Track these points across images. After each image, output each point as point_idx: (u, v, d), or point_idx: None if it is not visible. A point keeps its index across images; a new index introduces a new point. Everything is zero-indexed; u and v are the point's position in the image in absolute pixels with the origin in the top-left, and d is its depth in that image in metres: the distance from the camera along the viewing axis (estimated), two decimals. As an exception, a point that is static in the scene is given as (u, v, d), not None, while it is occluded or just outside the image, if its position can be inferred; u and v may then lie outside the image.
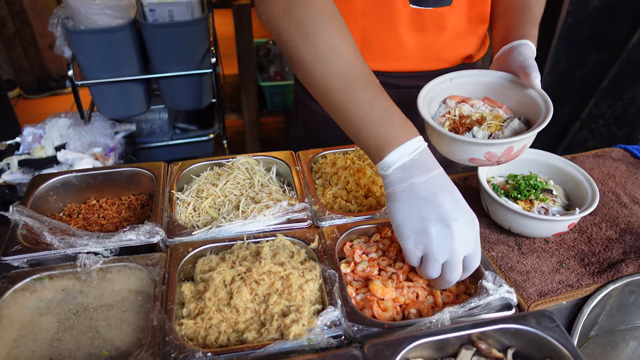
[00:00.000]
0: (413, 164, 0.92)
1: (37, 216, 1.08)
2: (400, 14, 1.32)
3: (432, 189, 0.91)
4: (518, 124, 1.13)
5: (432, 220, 0.89)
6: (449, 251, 0.90)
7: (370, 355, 0.75)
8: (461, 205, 0.93)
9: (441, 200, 0.90)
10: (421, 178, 0.91)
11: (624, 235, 1.26)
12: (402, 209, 0.92)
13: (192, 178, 1.25)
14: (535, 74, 1.12)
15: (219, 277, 0.94)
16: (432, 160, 0.95)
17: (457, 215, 0.90)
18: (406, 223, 0.92)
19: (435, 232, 0.89)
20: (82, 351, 0.91)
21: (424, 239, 0.91)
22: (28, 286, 0.97)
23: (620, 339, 1.22)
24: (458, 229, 0.89)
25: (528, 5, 1.31)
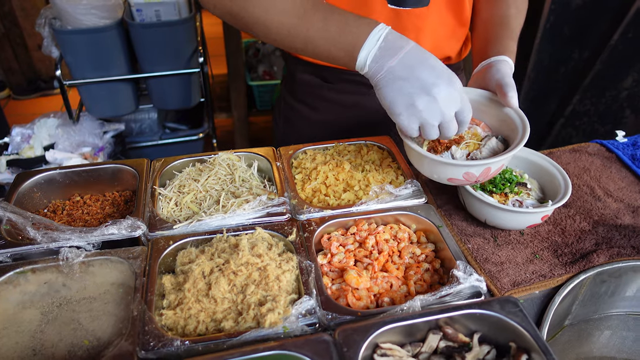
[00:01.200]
0: (382, 52, 1.01)
1: (20, 212, 1.10)
2: (378, 15, 1.34)
3: (408, 65, 0.99)
4: (496, 142, 1.16)
5: (415, 94, 0.99)
6: (440, 114, 1.00)
7: (340, 340, 0.78)
8: (437, 71, 1.00)
9: (418, 73, 0.99)
10: (394, 60, 1.00)
11: (596, 227, 1.30)
12: (388, 92, 1.01)
13: (175, 174, 1.27)
14: (513, 93, 1.15)
15: (198, 268, 0.96)
16: (399, 40, 1.02)
17: (435, 81, 0.99)
18: (395, 103, 1.01)
19: (422, 103, 0.99)
20: (65, 342, 0.93)
21: (414, 112, 1.01)
22: (11, 279, 0.99)
23: (595, 328, 1.25)
24: (440, 93, 0.99)
25: (508, 20, 1.33)
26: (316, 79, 1.57)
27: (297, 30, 1.08)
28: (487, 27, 1.37)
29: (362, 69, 1.05)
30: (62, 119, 2.89)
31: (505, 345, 0.84)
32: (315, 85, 1.57)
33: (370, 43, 1.02)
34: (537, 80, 2.87)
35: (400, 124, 1.04)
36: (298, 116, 1.63)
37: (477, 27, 1.44)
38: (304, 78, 1.59)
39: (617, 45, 2.68)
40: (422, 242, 1.14)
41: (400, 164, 1.31)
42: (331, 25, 1.05)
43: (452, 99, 1.01)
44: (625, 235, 1.27)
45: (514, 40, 1.31)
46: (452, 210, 1.32)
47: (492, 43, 1.29)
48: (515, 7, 1.37)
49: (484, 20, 1.40)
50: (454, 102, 1.02)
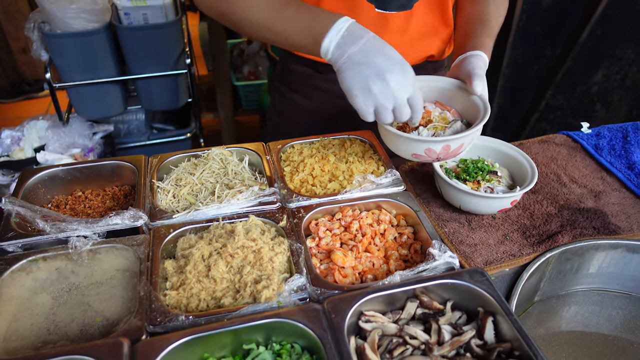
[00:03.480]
0: (344, 39, 1.11)
1: (28, 206, 1.18)
2: (366, 17, 1.45)
3: (366, 52, 1.10)
4: (460, 125, 1.27)
5: (371, 78, 1.09)
6: (392, 97, 1.10)
7: (329, 308, 0.88)
8: (392, 59, 1.10)
9: (375, 60, 1.09)
10: (355, 47, 1.10)
11: (562, 211, 1.41)
12: (347, 77, 1.11)
13: (171, 169, 1.36)
14: (478, 81, 1.26)
15: (197, 252, 1.06)
16: (360, 30, 1.13)
17: (389, 67, 1.09)
18: (352, 86, 1.11)
19: (376, 86, 1.09)
20: (76, 322, 1.02)
21: (369, 95, 1.10)
22: (24, 267, 1.07)
23: (563, 303, 1.36)
24: (393, 78, 1.09)
25: (487, 18, 1.43)
26: (309, 70, 1.68)
27: (273, 25, 1.20)
28: (467, 24, 1.47)
29: (326, 55, 1.15)
30: (51, 121, 2.94)
31: (474, 311, 0.95)
32: (308, 75, 1.68)
33: (334, 32, 1.12)
34: (512, 76, 2.98)
35: (357, 106, 1.13)
36: (293, 105, 1.74)
37: (458, 24, 1.54)
38: (297, 69, 1.70)
39: (586, 42, 2.81)
40: (401, 225, 1.24)
41: (381, 155, 1.41)
42: (301, 18, 1.17)
43: (404, 85, 1.11)
44: (587, 217, 1.38)
45: (490, 37, 1.41)
46: (429, 198, 1.43)
47: (469, 39, 1.39)
48: (494, 5, 1.47)
49: (465, 18, 1.50)
50: (405, 88, 1.11)
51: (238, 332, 0.86)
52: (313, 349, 0.87)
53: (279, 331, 0.88)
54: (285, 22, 1.19)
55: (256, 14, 1.21)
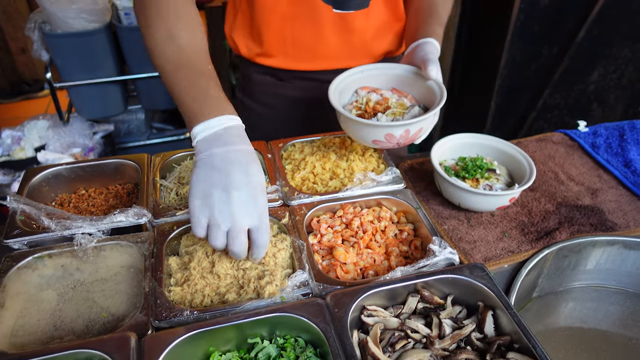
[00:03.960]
0: (216, 137, 1.00)
1: (33, 204, 1.19)
2: (326, 19, 1.46)
3: (227, 160, 0.98)
4: (418, 110, 1.29)
5: (216, 187, 0.96)
6: (229, 218, 0.96)
7: (332, 303, 0.89)
8: (250, 179, 0.98)
9: (230, 170, 0.97)
10: (220, 150, 0.99)
11: (559, 208, 1.43)
12: (198, 174, 0.99)
13: (174, 167, 1.38)
14: (432, 66, 1.27)
15: (201, 249, 1.07)
16: (238, 137, 1.03)
17: (240, 185, 0.96)
18: (196, 187, 0.98)
19: (217, 197, 0.96)
20: (82, 318, 1.03)
21: (207, 203, 0.96)
22: (30, 264, 1.08)
23: (560, 300, 1.38)
24: (238, 198, 0.96)
25: (435, 8, 1.46)
26: (270, 78, 1.65)
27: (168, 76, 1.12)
28: (417, 15, 1.49)
29: (193, 140, 1.04)
30: (52, 121, 2.96)
31: (474, 305, 0.96)
32: (270, 84, 1.66)
33: (211, 124, 1.02)
34: (510, 76, 3.01)
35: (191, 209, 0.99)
36: (257, 116, 1.72)
37: (408, 15, 1.56)
38: (259, 79, 1.67)
39: (583, 42, 2.84)
40: (401, 222, 1.26)
41: (381, 154, 1.43)
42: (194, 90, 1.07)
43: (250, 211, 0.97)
44: (585, 214, 1.40)
45: (440, 25, 1.43)
46: (429, 196, 1.45)
47: (420, 28, 1.41)
48: None
49: (415, 9, 1.52)
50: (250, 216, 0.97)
51: (242, 327, 0.88)
52: (316, 342, 0.88)
53: (283, 325, 0.90)
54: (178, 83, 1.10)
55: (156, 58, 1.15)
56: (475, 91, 3.29)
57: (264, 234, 1.00)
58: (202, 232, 0.99)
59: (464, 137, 1.50)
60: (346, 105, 1.36)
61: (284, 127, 1.68)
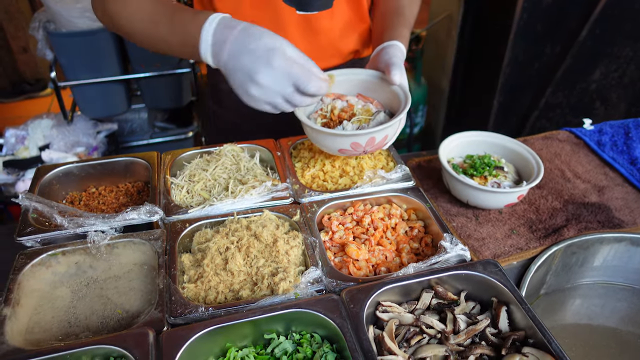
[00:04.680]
0: (215, 48, 1.06)
1: (45, 201, 1.20)
2: (289, 21, 1.45)
3: (234, 56, 1.04)
4: (383, 116, 1.27)
5: (246, 84, 1.04)
6: (275, 94, 1.05)
7: (347, 299, 0.90)
8: (257, 55, 1.03)
9: (241, 62, 1.03)
10: (225, 54, 1.05)
11: (567, 205, 1.44)
12: (232, 84, 1.08)
13: (184, 165, 1.38)
14: (396, 71, 1.24)
15: (215, 246, 1.08)
16: (224, 31, 1.06)
17: (256, 68, 1.02)
18: (239, 94, 1.08)
19: (254, 90, 1.04)
20: (97, 315, 1.04)
21: (254, 98, 1.06)
22: (44, 261, 1.09)
23: (568, 296, 1.38)
24: (263, 79, 1.03)
25: (402, 10, 1.44)
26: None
27: (154, 35, 1.17)
28: (383, 17, 1.47)
29: (207, 60, 1.10)
30: (56, 120, 2.96)
31: (487, 301, 0.97)
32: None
33: (205, 34, 1.06)
34: (513, 74, 3.01)
35: (252, 106, 1.10)
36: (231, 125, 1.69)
37: (375, 18, 1.54)
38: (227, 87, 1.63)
39: (585, 41, 2.85)
40: (412, 219, 1.27)
41: (390, 152, 1.44)
42: (176, 27, 1.12)
43: (277, 79, 1.03)
44: (592, 211, 1.41)
45: (407, 27, 1.41)
46: (437, 194, 1.46)
47: (386, 30, 1.39)
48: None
49: (381, 12, 1.50)
50: (280, 83, 1.04)
51: (259, 323, 0.89)
52: (333, 338, 0.89)
53: (299, 321, 0.91)
54: (164, 32, 1.15)
55: (138, 25, 1.19)
56: (478, 90, 3.30)
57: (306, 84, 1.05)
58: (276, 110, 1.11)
59: (471, 135, 1.51)
60: (311, 114, 1.33)
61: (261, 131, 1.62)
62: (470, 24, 3.18)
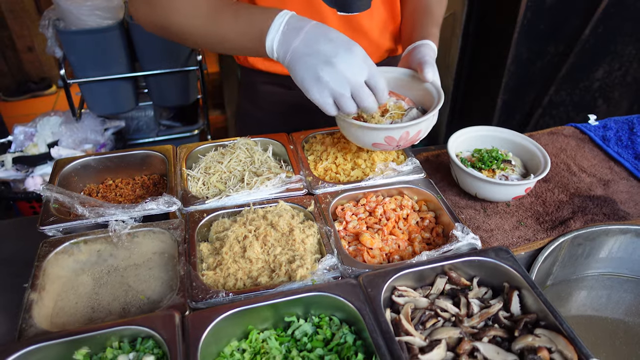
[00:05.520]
0: (285, 35, 1.08)
1: (66, 192, 1.23)
2: (331, 22, 1.47)
3: (309, 43, 1.06)
4: (416, 112, 1.31)
5: (318, 66, 1.05)
6: (346, 82, 1.06)
7: (365, 283, 0.93)
8: (336, 43, 1.06)
9: (318, 47, 1.05)
10: (297, 40, 1.07)
11: (573, 198, 1.47)
12: (296, 71, 1.08)
13: (199, 158, 1.41)
14: (429, 69, 1.28)
15: (233, 234, 1.11)
16: (300, 21, 1.09)
17: (335, 51, 1.04)
18: (303, 79, 1.08)
19: (325, 73, 1.05)
20: (119, 301, 1.07)
21: (322, 85, 1.06)
22: (67, 249, 1.12)
23: (574, 288, 1.41)
24: (341, 62, 1.04)
25: (430, 9, 1.48)
26: (279, 89, 1.64)
27: (211, 30, 1.17)
28: (412, 16, 1.50)
29: (272, 54, 1.12)
30: (64, 117, 2.99)
31: (499, 286, 1.00)
32: (279, 94, 1.65)
33: (274, 29, 1.08)
34: (517, 73, 3.05)
35: (314, 99, 1.10)
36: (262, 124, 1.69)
37: (404, 17, 1.57)
38: (266, 89, 1.66)
39: (588, 39, 2.88)
40: (423, 210, 1.30)
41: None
42: (240, 20, 1.13)
43: (355, 65, 1.06)
44: (597, 204, 1.44)
45: (436, 26, 1.45)
46: (445, 187, 1.49)
47: (416, 29, 1.42)
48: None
49: (410, 11, 1.54)
50: (358, 69, 1.06)
51: (279, 306, 0.92)
52: (351, 320, 0.92)
53: (318, 305, 0.94)
54: (224, 26, 1.16)
55: (194, 21, 1.18)
56: (482, 88, 3.33)
57: (378, 77, 1.10)
58: (333, 109, 1.11)
59: (478, 129, 1.54)
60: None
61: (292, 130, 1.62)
62: (474, 22, 3.21)
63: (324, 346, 0.88)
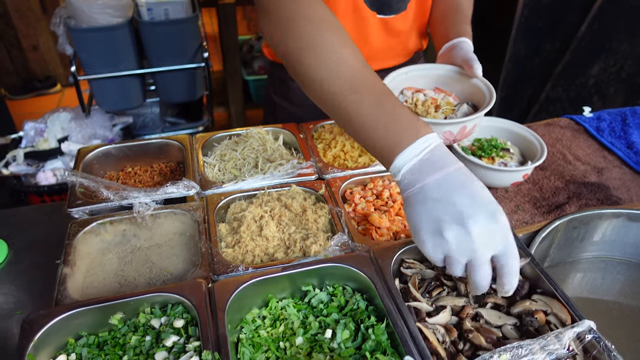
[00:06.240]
0: (423, 165, 0.88)
1: (91, 177, 1.30)
2: (371, 25, 1.56)
3: (445, 187, 0.86)
4: (467, 107, 1.38)
5: (446, 222, 0.84)
6: (469, 252, 0.85)
7: (375, 255, 1.01)
8: (480, 201, 0.85)
9: (454, 199, 0.84)
10: (432, 178, 0.87)
11: (568, 185, 1.55)
12: (416, 213, 0.88)
13: (214, 146, 1.49)
14: (478, 65, 1.34)
15: (250, 215, 1.19)
16: (445, 156, 0.89)
17: (473, 213, 0.83)
18: (421, 228, 0.88)
19: (451, 234, 0.84)
20: (144, 277, 1.14)
21: (441, 243, 0.86)
22: (94, 230, 1.19)
23: (569, 270, 1.48)
24: (476, 228, 0.83)
25: (461, 7, 1.54)
26: None
27: (346, 103, 0.97)
28: (444, 15, 1.55)
29: (395, 175, 0.92)
30: (73, 113, 3.07)
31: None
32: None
33: (413, 151, 0.89)
34: (514, 69, 3.13)
35: (424, 251, 0.90)
36: (292, 117, 1.73)
37: (435, 16, 1.62)
38: (296, 85, 1.67)
39: (584, 36, 2.96)
40: (427, 194, 1.38)
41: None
42: (382, 115, 0.93)
43: (491, 237, 0.84)
44: (591, 190, 1.52)
45: (468, 24, 1.49)
46: (447, 174, 1.57)
47: (451, 28, 1.47)
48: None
49: (441, 10, 1.58)
50: (492, 242, 0.85)
51: (296, 276, 0.99)
52: (363, 289, 1.00)
53: (332, 276, 1.01)
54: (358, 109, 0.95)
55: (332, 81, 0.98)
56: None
57: (513, 259, 0.86)
58: (441, 263, 0.90)
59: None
60: None
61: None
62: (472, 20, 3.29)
63: (338, 312, 0.96)
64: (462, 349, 0.87)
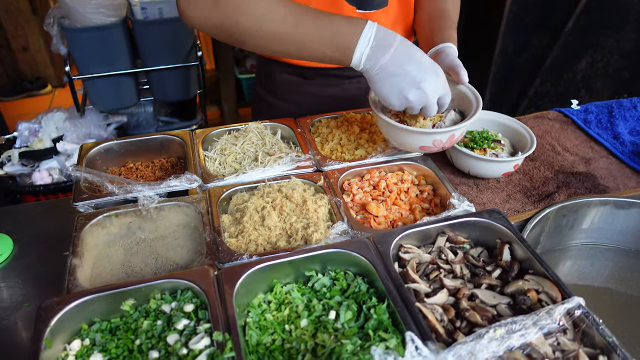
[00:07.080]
0: (374, 50, 1.13)
1: (94, 172, 1.34)
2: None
3: (398, 62, 1.14)
4: (454, 114, 1.40)
5: (407, 89, 1.16)
6: (425, 101, 1.19)
7: (375, 241, 1.05)
8: (424, 67, 1.16)
9: (408, 69, 1.14)
10: (385, 57, 1.13)
11: (557, 175, 1.61)
12: (381, 87, 1.18)
13: (214, 141, 1.53)
14: (464, 72, 1.36)
15: (252, 205, 1.22)
16: (387, 36, 1.14)
17: (424, 76, 1.15)
18: (389, 96, 1.19)
19: (412, 96, 1.17)
20: (150, 267, 1.18)
21: (406, 102, 1.19)
22: (100, 222, 1.23)
23: (560, 257, 1.53)
24: (429, 86, 1.16)
25: (447, 12, 1.55)
26: (296, 78, 1.72)
27: (290, 38, 1.16)
28: (430, 20, 1.55)
29: (358, 67, 1.17)
30: (68, 113, 3.08)
31: (493, 245, 1.13)
32: (295, 83, 1.73)
33: (363, 43, 1.13)
34: (503, 65, 3.19)
35: (392, 107, 1.22)
36: (281, 113, 1.75)
37: (420, 20, 1.62)
38: (283, 78, 1.73)
39: (571, 32, 3.03)
40: (422, 184, 1.42)
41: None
42: (323, 29, 1.14)
43: (437, 88, 1.19)
44: (580, 180, 1.58)
45: (454, 29, 1.50)
46: (441, 166, 1.61)
47: (436, 33, 1.47)
48: (451, 2, 1.59)
49: (427, 14, 1.58)
50: (438, 91, 1.20)
51: (299, 262, 1.03)
52: (364, 273, 1.04)
53: (334, 261, 1.05)
54: (305, 34, 1.15)
55: (269, 27, 1.15)
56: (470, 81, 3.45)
57: (448, 97, 1.25)
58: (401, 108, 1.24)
59: (471, 113, 1.66)
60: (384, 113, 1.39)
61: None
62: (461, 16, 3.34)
63: (341, 294, 1.00)
64: (459, 326, 0.92)
